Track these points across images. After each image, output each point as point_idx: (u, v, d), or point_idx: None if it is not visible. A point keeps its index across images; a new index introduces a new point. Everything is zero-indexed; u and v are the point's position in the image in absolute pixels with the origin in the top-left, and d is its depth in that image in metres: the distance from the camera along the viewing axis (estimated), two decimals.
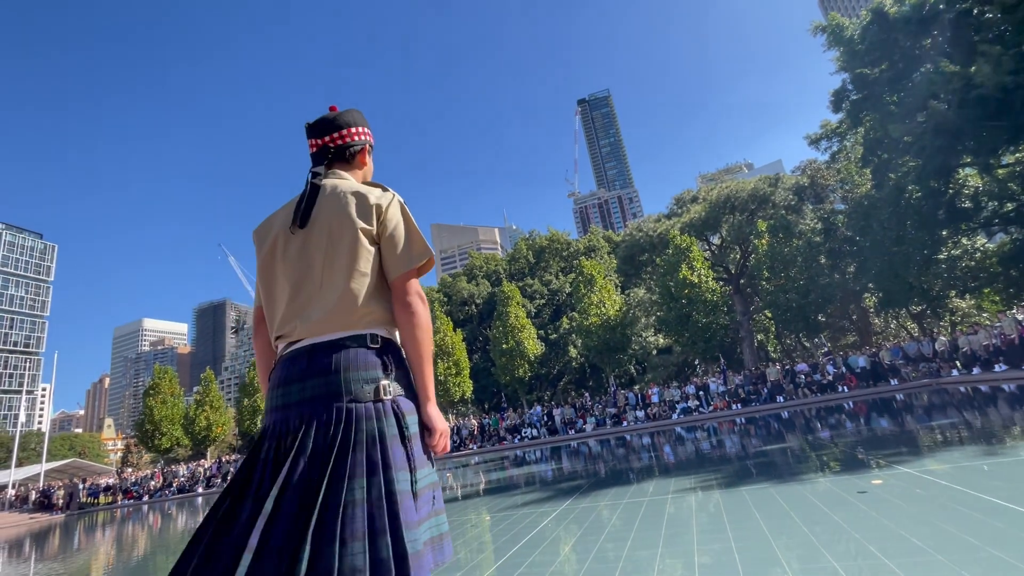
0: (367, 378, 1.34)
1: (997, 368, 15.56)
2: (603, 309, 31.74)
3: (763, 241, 27.45)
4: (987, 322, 20.50)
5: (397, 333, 1.49)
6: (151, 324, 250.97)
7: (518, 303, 36.63)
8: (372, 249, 1.44)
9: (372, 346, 1.39)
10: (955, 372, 17.30)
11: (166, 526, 12.98)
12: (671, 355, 35.59)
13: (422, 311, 1.43)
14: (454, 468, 17.77)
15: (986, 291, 23.58)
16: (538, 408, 27.95)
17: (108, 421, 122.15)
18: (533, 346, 35.13)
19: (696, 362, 33.61)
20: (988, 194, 20.81)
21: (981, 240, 24.31)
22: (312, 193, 1.49)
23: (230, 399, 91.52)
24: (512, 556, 4.31)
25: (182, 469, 30.20)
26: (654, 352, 36.29)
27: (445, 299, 45.41)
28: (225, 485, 1.36)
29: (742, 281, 32.17)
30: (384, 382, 1.36)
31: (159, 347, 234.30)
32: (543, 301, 44.45)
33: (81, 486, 28.12)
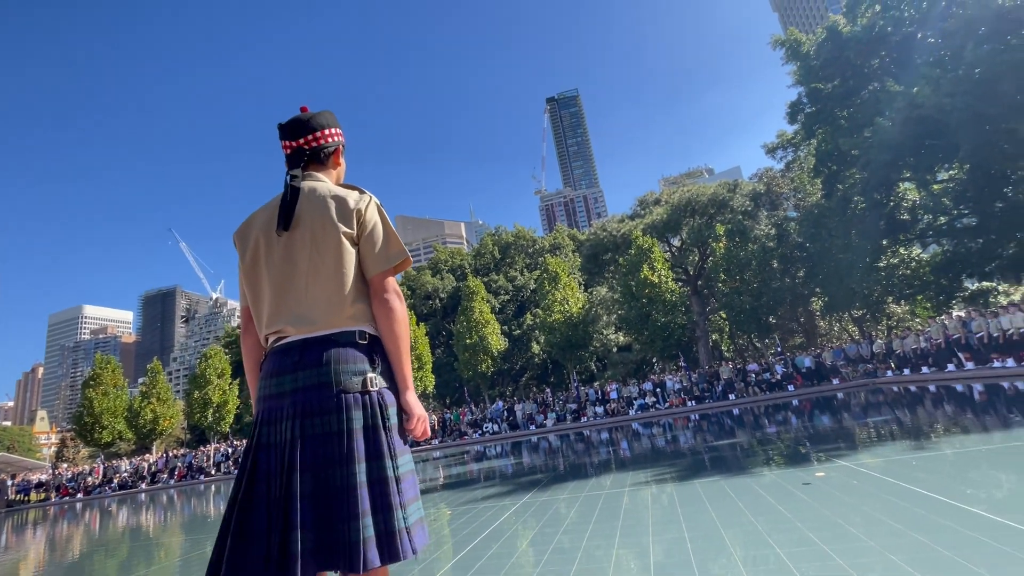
0: (355, 371, 1.43)
1: (924, 370, 16.77)
2: (566, 306, 32.17)
3: (720, 244, 28.47)
4: (919, 327, 22.03)
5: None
6: (92, 311, 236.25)
7: (483, 298, 36.62)
8: (353, 251, 1.51)
9: (360, 342, 1.48)
10: (889, 373, 18.52)
11: (105, 524, 12.33)
12: (631, 353, 36.47)
13: (399, 307, 1.51)
14: (415, 463, 17.64)
15: (919, 298, 25.31)
16: (500, 403, 28.09)
17: (41, 413, 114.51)
18: (497, 341, 35.22)
19: (654, 360, 34.56)
20: (924, 208, 22.31)
21: (916, 250, 26.07)
22: (293, 196, 1.53)
23: (178, 391, 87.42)
24: (472, 549, 4.36)
25: (124, 464, 28.71)
26: (614, 350, 37.09)
27: (409, 293, 44.86)
28: (237, 470, 1.46)
29: (700, 283, 33.29)
30: (371, 375, 1.45)
31: (101, 335, 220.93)
32: (507, 297, 44.60)
33: (10, 482, 26.32)
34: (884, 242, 23.62)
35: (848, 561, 2.72)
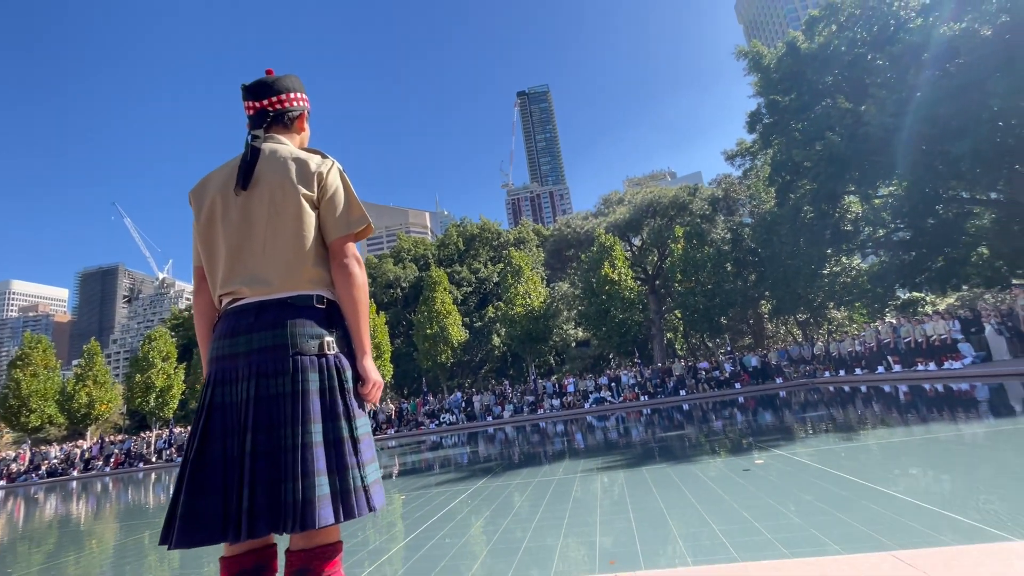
0: (312, 334, 1.43)
1: (857, 371, 17.95)
2: (528, 300, 32.41)
3: (679, 246, 29.35)
4: (855, 332, 23.50)
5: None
6: (21, 287, 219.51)
7: (445, 289, 36.39)
8: (313, 215, 1.49)
9: (318, 306, 1.47)
10: (827, 374, 19.70)
11: (31, 513, 11.59)
12: (589, 348, 37.16)
13: (358, 272, 1.50)
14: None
15: (857, 304, 26.99)
16: (458, 394, 28.08)
17: None
18: (457, 332, 35.12)
19: (611, 356, 35.36)
20: (866, 220, 23.75)
21: (857, 260, 27.76)
22: (253, 156, 1.50)
23: (118, 374, 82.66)
24: (423, 531, 4.39)
25: (54, 450, 26.94)
26: (573, 344, 37.69)
27: (369, 281, 43.80)
28: (192, 428, 1.42)
29: (657, 282, 34.24)
30: (328, 339, 1.44)
31: (31, 313, 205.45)
32: (470, 289, 44.46)
33: None
34: (829, 251, 25.01)
35: (775, 536, 2.93)
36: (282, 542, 1.42)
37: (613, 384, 23.96)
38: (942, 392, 10.62)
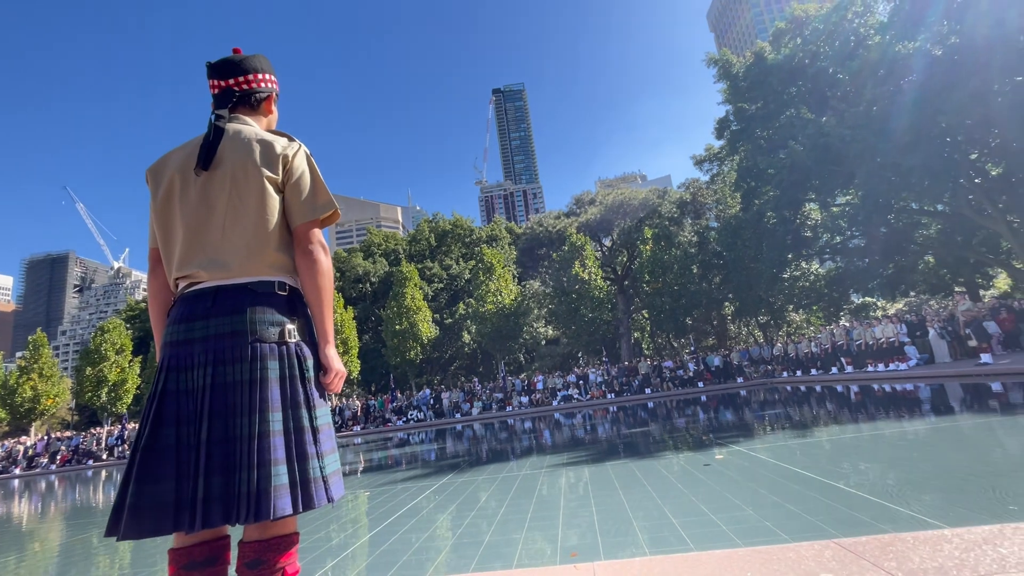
0: (272, 321, 1.39)
1: (813, 372, 18.73)
2: (499, 298, 32.46)
3: (647, 247, 29.95)
4: (812, 334, 24.51)
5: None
6: None
7: (416, 285, 36.08)
8: (277, 198, 1.45)
9: (280, 293, 1.44)
10: (785, 374, 20.47)
11: None
12: (558, 346, 37.50)
13: (323, 259, 1.46)
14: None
15: (814, 308, 28.16)
16: (427, 391, 27.89)
17: None
18: (427, 329, 34.88)
19: (579, 354, 35.81)
20: (824, 227, 24.78)
21: (815, 265, 28.93)
22: (216, 136, 1.45)
23: (66, 367, 78.45)
24: (387, 526, 4.36)
25: None
26: (543, 342, 37.96)
27: (338, 275, 43.16)
28: (142, 415, 1.36)
29: (626, 282, 34.85)
30: (289, 326, 1.41)
31: None
32: (441, 285, 44.18)
33: None
34: (789, 256, 26.00)
35: (730, 528, 3.04)
36: (235, 533, 1.39)
37: (581, 382, 24.25)
38: (889, 392, 11.19)
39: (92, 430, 28.26)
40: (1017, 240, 19.09)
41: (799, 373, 19.63)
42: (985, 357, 12.03)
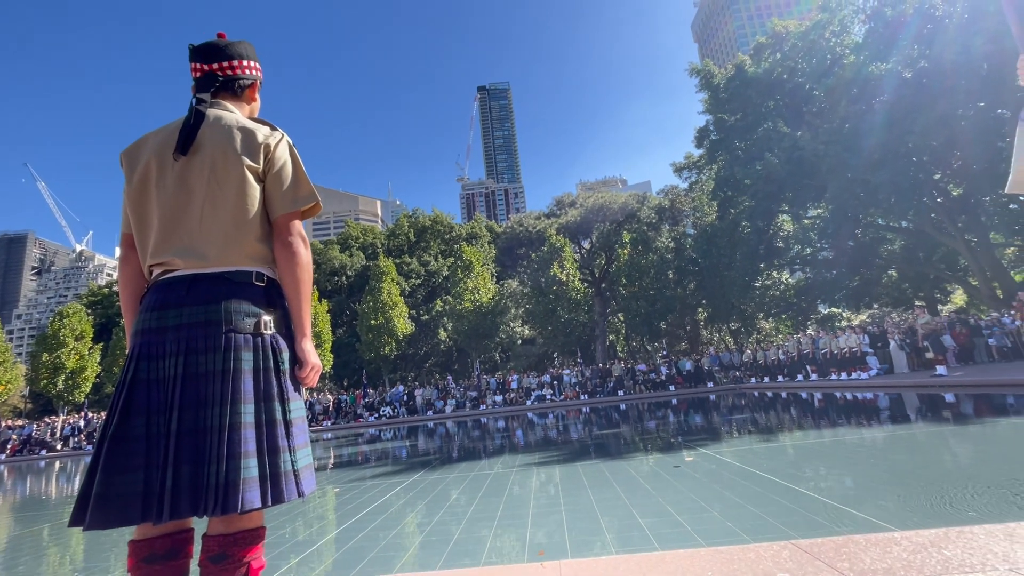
0: (248, 311, 1.37)
1: (780, 379, 19.28)
2: (477, 296, 32.40)
3: (625, 251, 30.33)
4: (780, 342, 25.20)
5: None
6: None
7: (393, 280, 35.71)
8: (258, 187, 1.43)
9: (257, 284, 1.42)
10: (753, 380, 21.02)
11: None
12: (534, 346, 37.68)
13: (303, 251, 1.45)
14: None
15: (783, 316, 28.98)
16: (400, 388, 27.65)
17: None
18: (403, 325, 34.57)
19: (555, 354, 36.04)
20: (795, 238, 25.54)
21: (785, 275, 29.78)
22: (196, 120, 1.41)
23: (21, 353, 75.00)
24: (354, 523, 4.32)
25: None
26: (519, 342, 38.08)
27: (314, 267, 42.09)
28: (111, 403, 1.31)
29: (603, 285, 35.24)
30: (266, 318, 1.39)
31: None
32: (419, 281, 43.84)
33: None
34: (762, 265, 26.70)
35: (695, 528, 3.12)
36: (199, 526, 1.36)
37: (555, 383, 24.41)
38: (850, 400, 11.61)
39: (46, 419, 27.12)
40: (974, 259, 20.01)
41: (767, 380, 20.17)
42: (940, 369, 12.57)
